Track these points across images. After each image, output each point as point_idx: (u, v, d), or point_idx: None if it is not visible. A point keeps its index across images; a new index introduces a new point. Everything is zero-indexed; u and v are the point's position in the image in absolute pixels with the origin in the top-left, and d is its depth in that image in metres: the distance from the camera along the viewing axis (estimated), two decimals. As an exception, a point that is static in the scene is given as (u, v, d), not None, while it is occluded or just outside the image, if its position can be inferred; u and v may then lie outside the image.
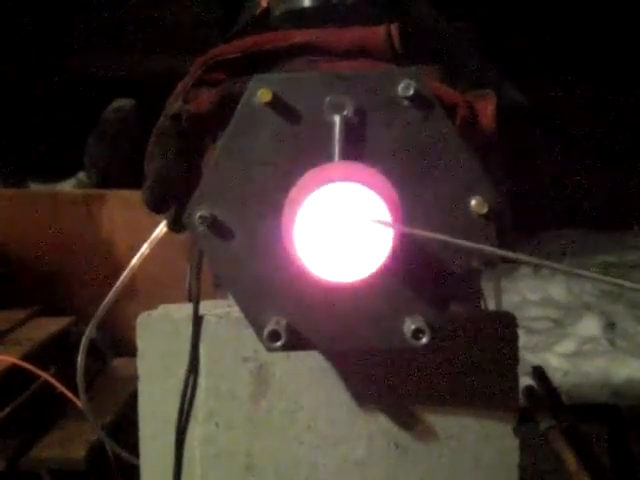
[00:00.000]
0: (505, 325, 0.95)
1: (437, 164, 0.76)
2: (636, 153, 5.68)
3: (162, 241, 0.98)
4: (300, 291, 0.77)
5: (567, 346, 3.54)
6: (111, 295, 0.99)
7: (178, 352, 0.96)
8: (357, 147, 0.75)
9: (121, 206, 2.49)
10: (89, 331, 1.02)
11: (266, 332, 0.76)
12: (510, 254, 0.71)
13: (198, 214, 0.76)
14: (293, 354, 0.94)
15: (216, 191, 0.77)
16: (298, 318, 0.78)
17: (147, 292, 1.97)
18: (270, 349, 0.76)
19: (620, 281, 0.68)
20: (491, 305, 1.47)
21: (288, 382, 0.95)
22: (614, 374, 3.20)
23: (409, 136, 0.76)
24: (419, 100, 0.75)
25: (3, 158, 3.33)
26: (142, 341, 0.97)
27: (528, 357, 3.21)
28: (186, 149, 0.89)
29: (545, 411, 1.29)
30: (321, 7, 0.96)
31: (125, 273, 0.99)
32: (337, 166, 0.73)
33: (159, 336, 0.97)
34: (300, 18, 0.96)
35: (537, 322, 3.90)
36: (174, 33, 4.71)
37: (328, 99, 0.76)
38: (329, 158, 0.74)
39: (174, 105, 0.88)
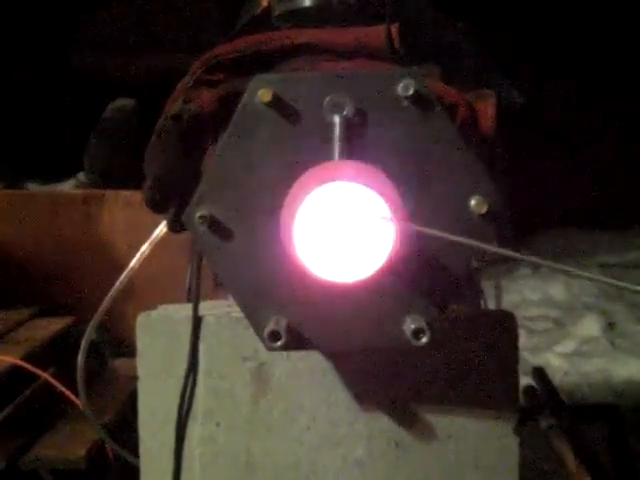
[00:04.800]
0: (505, 325, 0.95)
1: (437, 164, 0.76)
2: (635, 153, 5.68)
3: (162, 241, 0.98)
4: (300, 291, 0.77)
5: (567, 346, 3.54)
6: (111, 295, 0.99)
7: (178, 352, 0.96)
8: (357, 147, 0.75)
9: (121, 206, 2.49)
10: (89, 331, 1.02)
11: (266, 332, 0.76)
12: (510, 253, 0.71)
13: (198, 214, 0.76)
14: (293, 354, 0.94)
15: (216, 191, 0.77)
16: (298, 318, 0.78)
17: (147, 292, 1.97)
18: (270, 349, 0.76)
19: (620, 282, 0.68)
20: (491, 305, 1.47)
21: (288, 382, 0.95)
22: (614, 374, 3.20)
23: (409, 136, 0.76)
24: (419, 100, 0.75)
25: (2, 159, 3.33)
26: (142, 341, 0.97)
27: (528, 357, 3.22)
28: (186, 149, 0.89)
29: (545, 411, 1.29)
30: (321, 7, 0.96)
31: (125, 273, 0.99)
32: (337, 165, 0.73)
33: (159, 336, 0.97)
34: (300, 18, 0.96)
35: (537, 322, 3.90)
36: (174, 33, 4.71)
37: (328, 99, 0.76)
38: (329, 158, 0.74)
39: (174, 105, 0.88)
